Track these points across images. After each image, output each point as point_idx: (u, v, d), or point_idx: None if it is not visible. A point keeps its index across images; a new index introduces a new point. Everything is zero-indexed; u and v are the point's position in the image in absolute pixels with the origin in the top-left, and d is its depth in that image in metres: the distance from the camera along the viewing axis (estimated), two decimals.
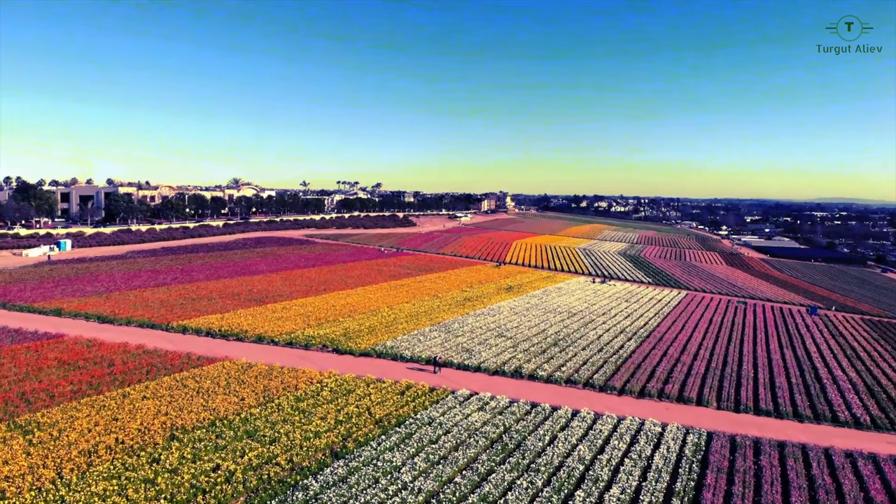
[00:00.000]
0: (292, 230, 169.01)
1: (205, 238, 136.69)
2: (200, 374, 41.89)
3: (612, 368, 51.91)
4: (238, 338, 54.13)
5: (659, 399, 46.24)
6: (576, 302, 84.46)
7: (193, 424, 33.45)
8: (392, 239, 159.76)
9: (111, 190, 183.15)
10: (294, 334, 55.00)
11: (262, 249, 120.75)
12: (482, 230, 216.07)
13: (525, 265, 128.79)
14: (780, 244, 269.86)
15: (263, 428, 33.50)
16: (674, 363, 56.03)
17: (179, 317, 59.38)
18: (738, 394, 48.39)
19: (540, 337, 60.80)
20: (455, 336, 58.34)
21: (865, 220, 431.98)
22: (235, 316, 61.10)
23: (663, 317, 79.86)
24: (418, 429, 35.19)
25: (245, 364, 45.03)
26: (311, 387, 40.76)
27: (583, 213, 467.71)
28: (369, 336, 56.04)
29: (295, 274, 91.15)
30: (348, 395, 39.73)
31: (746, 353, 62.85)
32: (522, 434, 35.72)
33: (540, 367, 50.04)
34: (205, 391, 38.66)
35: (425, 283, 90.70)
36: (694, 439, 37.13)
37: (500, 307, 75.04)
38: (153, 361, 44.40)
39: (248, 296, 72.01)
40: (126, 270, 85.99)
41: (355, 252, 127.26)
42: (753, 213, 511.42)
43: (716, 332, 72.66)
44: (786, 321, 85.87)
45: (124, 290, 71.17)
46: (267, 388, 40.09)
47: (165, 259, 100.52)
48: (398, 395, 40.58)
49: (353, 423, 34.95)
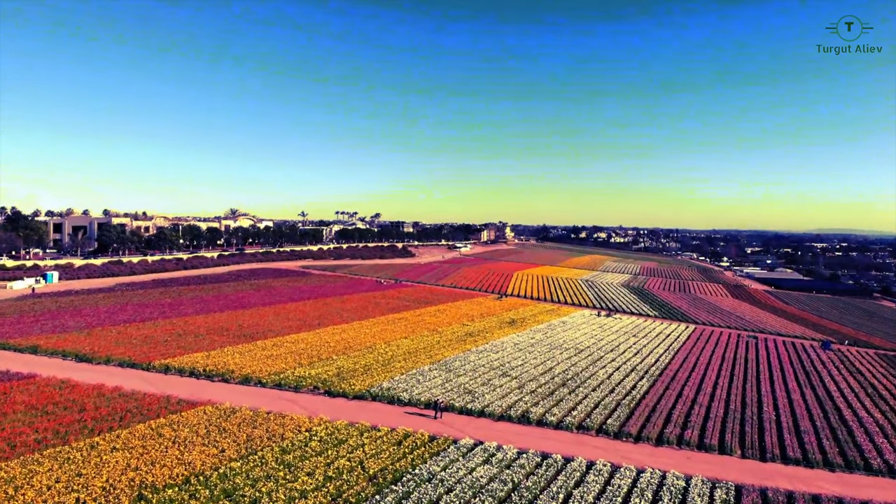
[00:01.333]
0: (289, 261, 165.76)
1: (198, 270, 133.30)
2: (178, 422, 38.24)
3: (627, 412, 48.28)
4: (223, 378, 50.48)
5: (678, 446, 42.57)
6: (582, 337, 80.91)
7: (165, 482, 29.78)
8: (390, 270, 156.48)
9: (104, 220, 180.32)
10: (283, 375, 51.40)
11: (256, 281, 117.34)
12: (482, 261, 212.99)
13: (527, 297, 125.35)
14: (783, 276, 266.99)
15: (243, 486, 29.82)
16: (690, 405, 52.44)
17: (163, 355, 55.81)
18: (763, 440, 44.76)
19: (547, 376, 57.20)
20: (456, 375, 54.74)
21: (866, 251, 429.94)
22: (222, 354, 57.52)
23: (674, 353, 76.32)
24: (417, 487, 31.51)
25: (228, 409, 41.40)
26: (299, 436, 37.10)
27: (582, 243, 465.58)
28: (364, 376, 52.44)
29: (288, 308, 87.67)
30: (340, 446, 36.06)
31: (765, 393, 59.24)
32: (533, 492, 32.03)
33: (549, 412, 46.39)
34: (181, 442, 35.00)
35: (424, 316, 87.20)
36: (722, 495, 33.46)
37: (503, 343, 71.49)
38: (129, 406, 40.76)
39: (238, 331, 68.45)
40: (112, 304, 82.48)
41: (352, 283, 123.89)
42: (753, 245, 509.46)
43: (730, 370, 69.12)
44: (800, 357, 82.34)
45: (107, 326, 67.63)
46: (250, 437, 36.42)
47: (155, 292, 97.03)
48: (395, 446, 36.91)
49: (343, 481, 31.26)
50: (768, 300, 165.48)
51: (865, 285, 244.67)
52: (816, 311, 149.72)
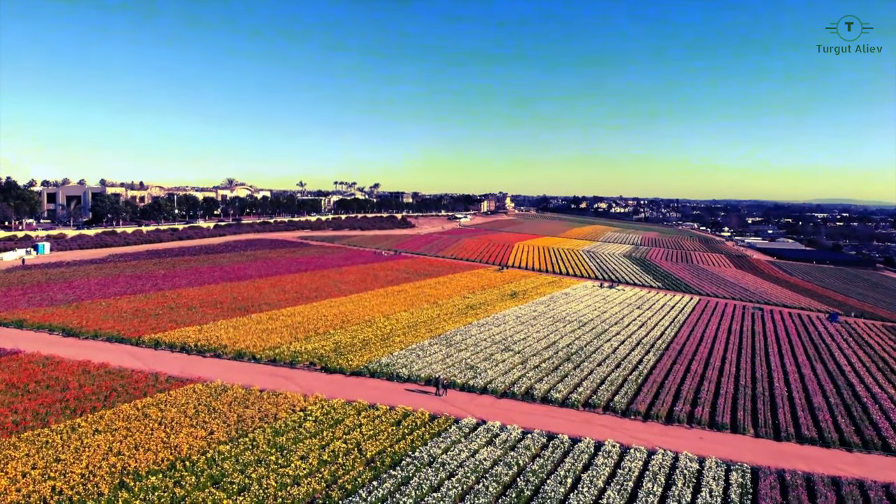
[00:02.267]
0: (286, 232, 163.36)
1: (193, 240, 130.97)
2: (166, 401, 36.38)
3: (634, 388, 46.51)
4: (216, 354, 48.59)
5: (689, 425, 40.86)
6: (585, 309, 79.05)
7: (149, 468, 27.96)
8: (390, 241, 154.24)
9: (99, 190, 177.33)
10: (279, 349, 49.51)
11: (253, 252, 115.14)
12: (482, 232, 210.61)
13: (528, 269, 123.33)
14: (784, 246, 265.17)
15: (232, 472, 28.01)
16: (699, 380, 50.70)
17: (153, 329, 53.87)
18: (776, 418, 43.02)
19: (551, 351, 55.38)
20: (457, 350, 52.89)
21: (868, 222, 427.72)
22: (216, 328, 55.58)
23: (679, 325, 74.54)
24: (417, 471, 29.73)
25: (219, 387, 39.53)
26: (293, 416, 35.27)
27: (582, 214, 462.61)
28: (362, 351, 50.57)
29: (285, 279, 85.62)
30: (335, 427, 34.24)
31: (775, 367, 57.51)
32: (539, 476, 30.28)
33: (554, 388, 44.60)
34: (168, 423, 33.15)
35: (424, 288, 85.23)
36: (738, 478, 31.75)
37: (504, 316, 69.61)
38: (114, 384, 38.87)
39: (232, 304, 66.46)
40: (103, 276, 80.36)
41: (351, 255, 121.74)
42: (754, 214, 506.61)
43: (737, 343, 67.38)
44: (807, 329, 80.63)
45: (97, 299, 65.59)
46: (241, 418, 34.58)
47: (148, 263, 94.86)
48: (394, 426, 35.11)
49: (339, 465, 29.46)
50: (772, 271, 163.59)
51: (868, 256, 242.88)
52: (821, 282, 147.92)
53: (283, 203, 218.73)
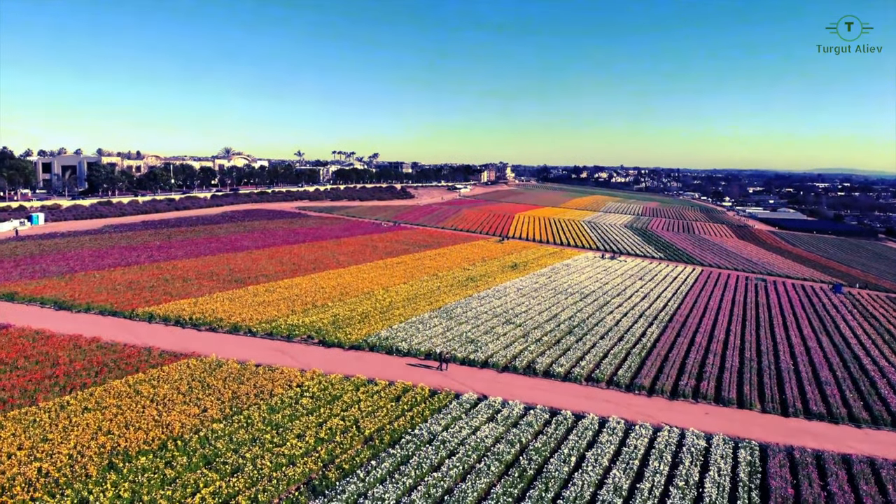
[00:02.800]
0: (284, 202, 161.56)
1: (190, 211, 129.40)
2: (159, 377, 35.39)
3: (638, 361, 45.60)
4: (211, 327, 47.54)
5: (695, 400, 39.98)
6: (587, 281, 77.96)
7: (139, 447, 27.03)
8: (389, 212, 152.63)
9: (95, 160, 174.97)
10: (275, 323, 48.46)
11: (250, 223, 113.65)
12: (483, 202, 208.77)
13: (529, 240, 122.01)
14: (786, 216, 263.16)
15: (226, 452, 27.09)
16: (704, 353, 49.80)
17: (147, 302, 52.76)
18: (783, 392, 42.15)
19: (552, 323, 54.38)
20: (458, 323, 51.86)
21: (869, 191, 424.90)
22: (211, 300, 54.48)
23: (682, 296, 73.53)
24: (417, 449, 28.84)
25: (214, 362, 38.53)
26: (290, 392, 34.30)
27: (583, 184, 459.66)
28: (361, 324, 49.53)
29: (283, 251, 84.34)
30: (333, 404, 33.29)
31: (780, 340, 56.61)
32: (543, 454, 29.40)
33: (556, 362, 43.64)
34: (160, 400, 32.17)
35: (424, 260, 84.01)
36: (746, 456, 30.91)
37: (505, 288, 68.51)
38: (106, 359, 37.86)
39: (229, 276, 65.28)
40: (97, 247, 79.02)
41: (350, 226, 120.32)
42: (755, 184, 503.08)
43: (741, 315, 66.43)
44: (811, 301, 79.66)
45: (91, 270, 64.37)
46: (236, 394, 33.61)
47: (144, 234, 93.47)
48: (393, 402, 34.18)
49: (337, 443, 28.55)
50: (774, 241, 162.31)
51: (870, 226, 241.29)
52: (824, 253, 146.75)
53: (281, 173, 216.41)
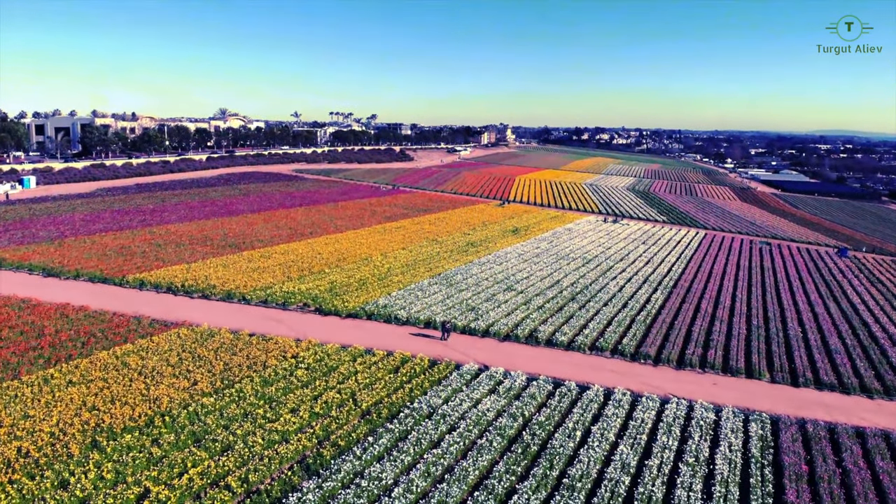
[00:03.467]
0: (281, 164, 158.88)
1: (185, 173, 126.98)
2: (148, 348, 34.09)
3: (643, 329, 44.38)
4: (204, 295, 46.14)
5: (702, 369, 38.85)
6: (590, 245, 76.45)
7: (125, 424, 25.83)
8: (388, 175, 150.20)
9: (88, 121, 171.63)
10: (271, 290, 47.06)
11: (246, 186, 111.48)
12: (483, 165, 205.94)
13: (530, 203, 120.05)
14: (788, 178, 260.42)
15: (216, 428, 25.92)
16: (710, 320, 48.57)
17: (139, 268, 51.27)
18: (792, 361, 40.97)
19: (555, 290, 53.03)
20: (458, 290, 50.49)
21: (871, 153, 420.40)
22: (205, 266, 53.00)
23: (686, 261, 72.14)
24: (416, 424, 27.71)
25: (206, 332, 37.22)
26: (284, 364, 33.04)
27: (584, 145, 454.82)
28: (359, 291, 48.15)
29: (279, 214, 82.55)
30: (329, 375, 32.06)
31: (787, 306, 55.36)
32: (546, 428, 28.29)
33: (559, 330, 42.39)
34: (149, 373, 30.91)
35: (423, 224, 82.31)
36: (757, 429, 29.83)
37: (506, 253, 67.01)
38: (93, 329, 36.53)
39: (223, 241, 63.67)
40: (89, 211, 77.17)
41: (347, 189, 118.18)
42: (757, 146, 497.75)
43: (747, 280, 65.12)
44: (817, 265, 78.32)
45: (81, 235, 62.71)
46: (228, 366, 32.34)
47: (137, 197, 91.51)
48: (391, 374, 32.96)
49: (332, 418, 27.38)
50: (777, 204, 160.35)
51: (873, 188, 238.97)
52: (827, 216, 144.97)
53: (278, 134, 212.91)
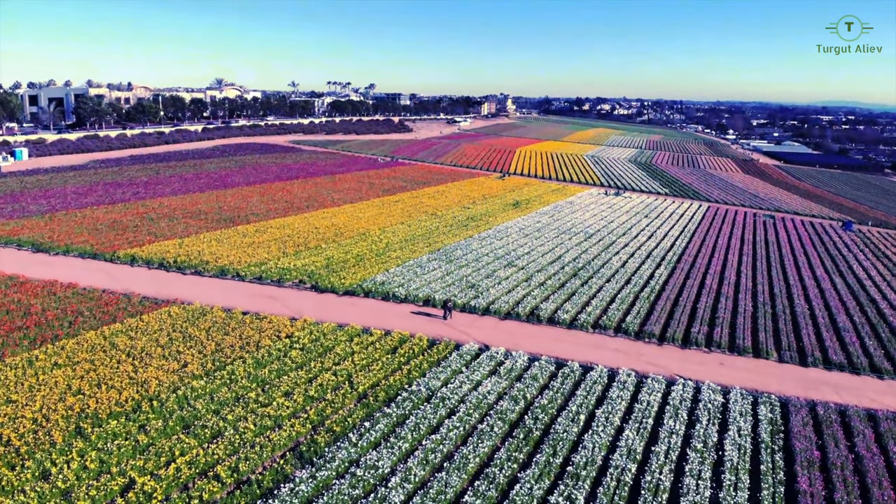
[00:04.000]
0: (277, 136, 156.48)
1: (180, 144, 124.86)
2: (137, 328, 32.99)
3: (647, 306, 43.33)
4: (197, 271, 44.93)
5: (708, 348, 37.86)
6: (591, 219, 75.10)
7: (111, 409, 24.83)
8: (386, 146, 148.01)
9: (82, 92, 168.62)
10: (266, 266, 45.87)
11: (241, 158, 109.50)
12: (483, 136, 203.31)
13: (531, 176, 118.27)
14: (791, 149, 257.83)
15: (206, 413, 24.92)
16: (715, 297, 47.54)
17: (130, 243, 49.97)
18: (800, 340, 39.96)
19: (556, 266, 51.86)
20: (458, 267, 49.29)
21: (874, 125, 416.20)
22: (198, 241, 51.70)
23: (690, 235, 70.92)
24: (414, 408, 26.74)
25: (198, 310, 36.10)
26: (278, 344, 31.96)
27: (585, 116, 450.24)
28: (356, 268, 46.95)
29: (275, 187, 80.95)
30: (325, 356, 31.02)
31: (793, 282, 54.31)
32: (549, 412, 27.34)
33: (561, 308, 41.32)
34: (138, 354, 29.84)
35: (422, 198, 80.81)
36: (766, 413, 28.92)
37: (507, 228, 65.70)
38: (81, 308, 35.39)
39: (217, 215, 62.26)
40: (81, 184, 75.58)
41: (345, 161, 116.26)
42: (759, 117, 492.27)
43: (751, 255, 64.02)
44: (822, 239, 77.16)
45: (73, 209, 61.28)
46: (220, 346, 31.27)
47: (131, 169, 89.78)
48: (389, 355, 31.91)
49: (328, 402, 26.40)
50: (780, 176, 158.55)
51: (876, 160, 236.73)
52: (831, 188, 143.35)
53: (275, 105, 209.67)
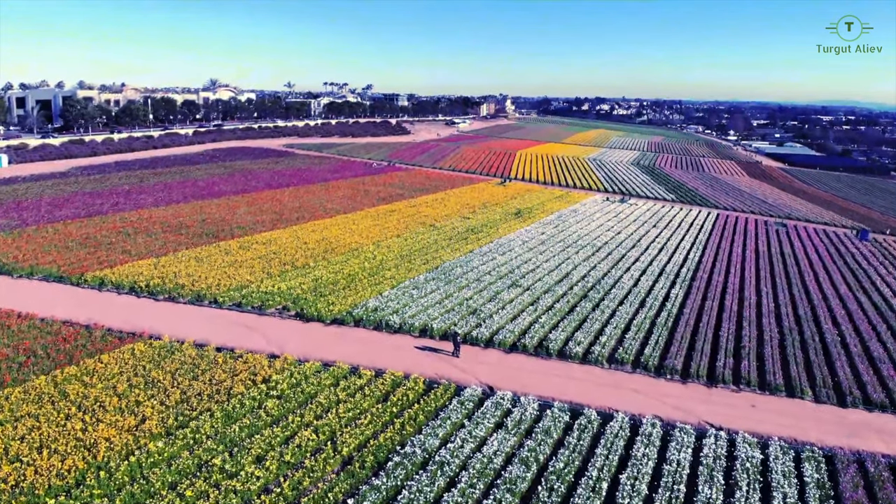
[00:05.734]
0: (271, 139, 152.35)
1: (169, 149, 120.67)
2: (94, 371, 29.05)
3: (665, 335, 39.53)
4: (171, 296, 40.98)
5: (736, 386, 34.02)
6: (598, 230, 71.27)
7: (50, 482, 20.90)
8: (383, 150, 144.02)
9: (70, 94, 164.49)
10: (247, 290, 41.95)
11: (232, 163, 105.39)
12: (482, 138, 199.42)
13: (533, 181, 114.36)
14: (794, 151, 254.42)
15: (161, 487, 21.01)
16: (738, 322, 43.77)
17: (101, 263, 45.99)
18: (835, 374, 36.11)
19: (564, 285, 48.01)
20: (458, 288, 45.40)
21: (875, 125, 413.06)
22: (176, 260, 47.77)
23: (702, 247, 67.18)
24: (408, 477, 22.84)
25: (166, 346, 32.18)
26: (253, 391, 28.01)
27: (584, 116, 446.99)
28: (346, 291, 43.03)
29: (264, 197, 76.93)
30: (305, 407, 27.12)
31: (817, 301, 50.49)
32: (566, 479, 23.45)
33: (572, 338, 37.47)
34: (90, 406, 25.91)
35: (420, 207, 76.88)
36: (812, 471, 25.15)
37: (509, 241, 61.84)
38: (36, 345, 31.43)
39: (200, 228, 58.29)
40: (58, 194, 71.51)
41: (340, 167, 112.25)
42: (758, 117, 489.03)
43: (769, 269, 60.27)
44: (839, 250, 73.45)
45: (45, 223, 57.26)
46: (186, 395, 27.34)
47: (114, 177, 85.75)
48: (379, 404, 28.00)
49: (306, 470, 22.48)
50: (786, 179, 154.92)
51: (880, 162, 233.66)
52: (839, 192, 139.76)
53: (269, 107, 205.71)
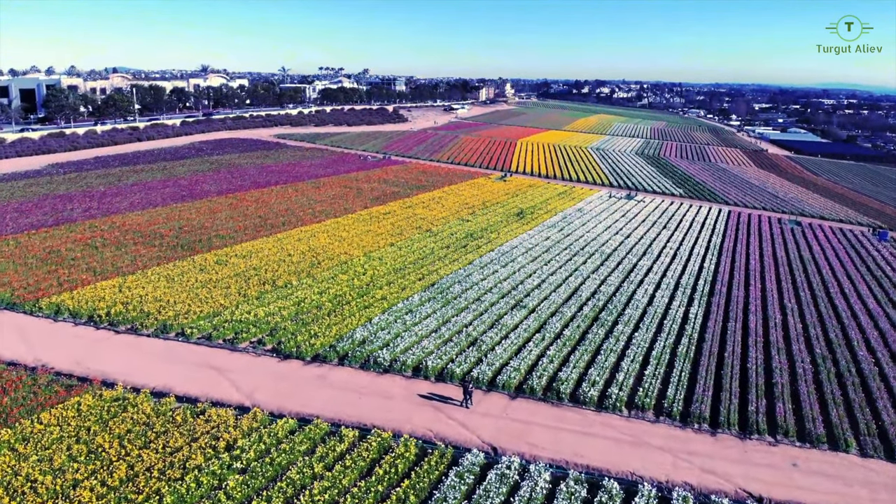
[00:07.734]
0: (262, 128, 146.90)
1: (154, 142, 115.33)
2: (27, 437, 24.63)
3: (688, 368, 35.32)
4: (133, 327, 36.51)
5: (773, 437, 29.78)
6: (605, 233, 66.76)
7: None
8: (379, 140, 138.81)
9: (54, 82, 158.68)
10: (220, 317, 37.50)
11: (218, 158, 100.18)
12: (482, 126, 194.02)
13: (534, 175, 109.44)
14: (798, 137, 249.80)
15: None
16: (765, 347, 39.65)
17: (62, 284, 41.41)
18: (879, 416, 31.97)
19: (573, 305, 43.61)
20: (456, 311, 40.98)
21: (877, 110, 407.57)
22: (143, 279, 43.19)
23: (717, 253, 62.94)
24: None
25: (119, 398, 27.75)
26: (213, 464, 23.61)
27: (585, 99, 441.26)
28: (331, 317, 38.55)
29: (249, 198, 72.08)
30: (273, 486, 22.79)
31: (847, 320, 46.25)
32: None
33: (585, 376, 33.16)
34: (19, 487, 21.53)
35: (416, 208, 72.18)
36: None
37: (512, 249, 57.31)
38: None
39: (175, 238, 53.60)
40: (27, 198, 66.64)
41: (333, 161, 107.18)
42: (759, 100, 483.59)
43: (790, 280, 56.06)
44: (859, 254, 69.31)
45: (7, 234, 52.29)
46: (132, 472, 22.90)
47: (90, 175, 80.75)
48: (362, 480, 23.66)
49: None
50: (794, 169, 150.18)
51: (886, 149, 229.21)
52: (850, 184, 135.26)
53: (261, 94, 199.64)
